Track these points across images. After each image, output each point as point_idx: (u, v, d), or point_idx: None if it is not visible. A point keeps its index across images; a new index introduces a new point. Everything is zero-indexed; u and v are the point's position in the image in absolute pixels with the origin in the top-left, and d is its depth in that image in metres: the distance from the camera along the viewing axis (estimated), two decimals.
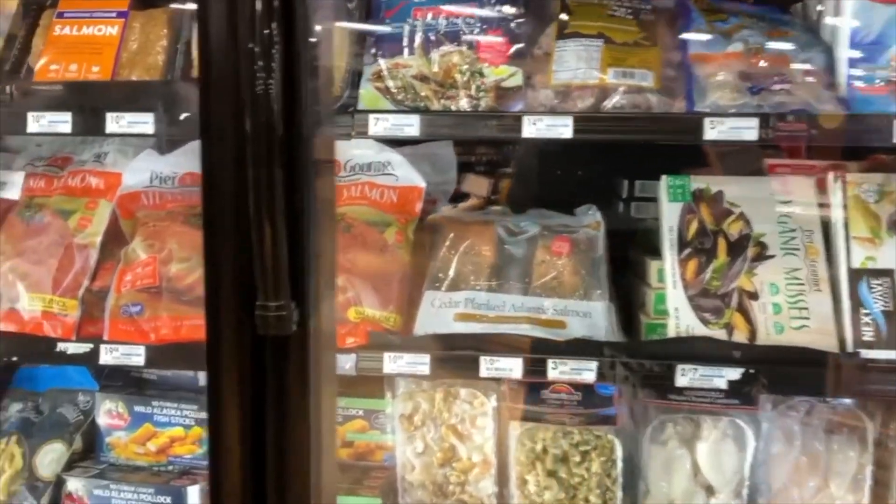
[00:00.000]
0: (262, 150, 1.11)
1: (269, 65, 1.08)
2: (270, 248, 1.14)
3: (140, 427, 1.99)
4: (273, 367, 1.22)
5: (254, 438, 1.25)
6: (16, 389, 2.19)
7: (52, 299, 1.83)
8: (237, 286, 1.23)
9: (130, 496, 1.91)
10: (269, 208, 1.12)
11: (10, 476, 1.94)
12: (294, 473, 1.25)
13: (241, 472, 1.27)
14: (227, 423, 1.26)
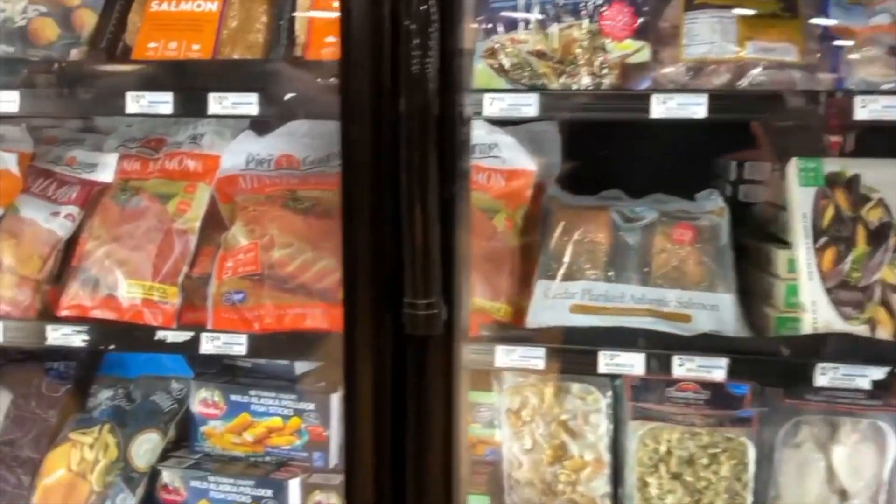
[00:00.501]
0: (417, 132, 1.02)
1: (426, 43, 0.99)
2: (422, 240, 1.05)
3: (237, 416, 1.94)
4: (415, 368, 1.14)
5: (393, 441, 1.18)
6: (105, 376, 2.16)
7: (151, 286, 1.77)
8: (375, 282, 1.15)
9: (229, 488, 1.85)
10: (423, 196, 1.03)
11: (105, 466, 1.90)
12: (434, 481, 1.17)
13: (375, 483, 1.20)
14: (364, 427, 1.19)
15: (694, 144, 1.98)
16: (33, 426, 2.06)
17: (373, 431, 1.20)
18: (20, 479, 1.97)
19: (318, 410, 1.89)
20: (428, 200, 1.03)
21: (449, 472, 1.17)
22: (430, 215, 1.04)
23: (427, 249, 1.06)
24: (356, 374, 1.18)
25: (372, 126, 1.11)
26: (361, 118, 1.11)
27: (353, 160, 1.13)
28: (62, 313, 1.83)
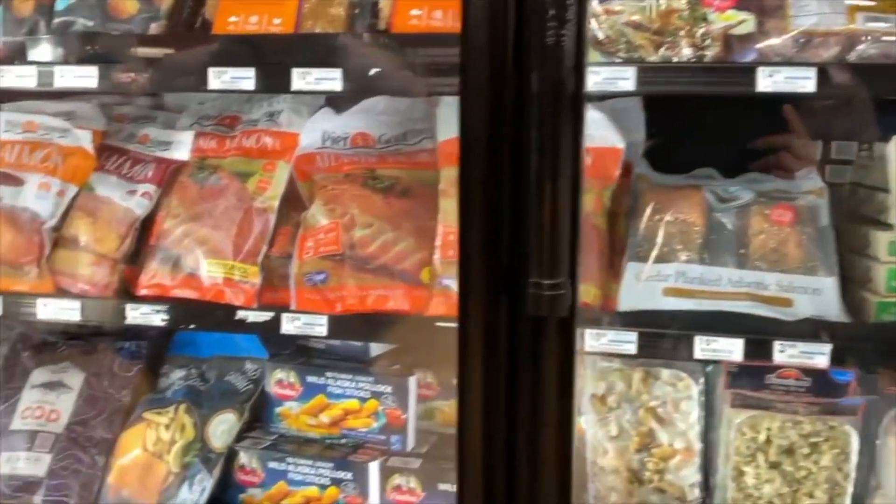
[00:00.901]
0: (551, 108, 0.97)
1: (563, 15, 0.94)
2: (550, 219, 1.01)
3: (313, 398, 1.91)
4: (532, 352, 1.10)
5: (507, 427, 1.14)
6: (176, 356, 2.14)
7: (233, 265, 1.74)
8: (491, 263, 1.11)
9: (308, 470, 1.83)
10: (554, 174, 0.99)
11: (182, 446, 1.88)
12: (550, 471, 1.13)
13: (486, 472, 1.16)
14: (475, 413, 1.15)
15: (776, 122, 1.91)
16: (106, 406, 2.05)
17: (484, 416, 1.16)
18: (94, 459, 1.96)
19: (395, 393, 1.85)
20: (560, 178, 0.99)
21: (566, 469, 1.14)
22: (562, 194, 1.00)
23: (556, 228, 1.01)
24: (469, 358, 1.15)
25: (491, 102, 1.07)
26: (480, 94, 1.07)
27: (471, 137, 1.09)
28: (141, 292, 1.81)
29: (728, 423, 1.63)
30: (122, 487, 1.90)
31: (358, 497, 1.79)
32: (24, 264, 1.86)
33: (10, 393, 2.09)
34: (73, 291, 1.86)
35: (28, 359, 2.15)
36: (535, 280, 1.02)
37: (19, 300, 1.86)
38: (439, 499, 1.77)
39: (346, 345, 1.97)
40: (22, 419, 2.02)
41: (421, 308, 1.70)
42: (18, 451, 1.97)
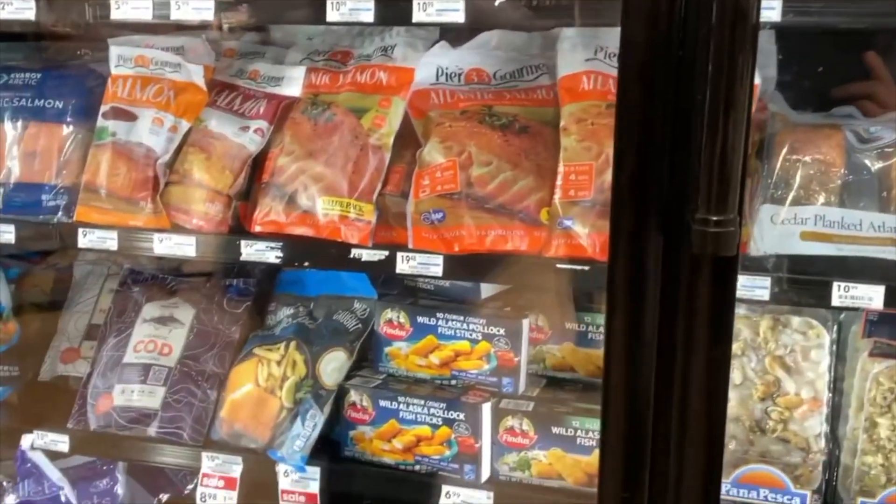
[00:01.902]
0: (731, 36, 0.90)
1: None
2: (722, 151, 0.95)
3: (423, 339, 1.90)
4: (690, 294, 1.05)
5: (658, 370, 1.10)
6: (284, 294, 2.15)
7: (349, 203, 1.72)
8: (646, 198, 1.05)
9: (419, 409, 1.83)
10: (730, 105, 0.92)
11: (294, 382, 1.90)
12: (701, 424, 1.09)
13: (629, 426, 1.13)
14: (622, 361, 1.11)
15: None
16: (216, 341, 2.08)
17: (631, 364, 1.12)
18: (206, 393, 2.00)
19: (508, 335, 1.82)
20: (737, 110, 0.92)
21: (718, 423, 1.09)
22: (736, 126, 0.93)
23: (727, 162, 0.95)
24: (618, 301, 1.10)
25: (651, 29, 1.00)
26: (640, 18, 1.00)
27: (630, 65, 1.02)
28: (255, 229, 1.81)
29: (863, 373, 1.57)
30: (234, 421, 1.93)
31: (470, 437, 1.78)
32: (139, 199, 1.87)
33: (122, 327, 2.14)
34: (187, 227, 1.87)
35: (138, 294, 2.19)
36: (702, 216, 0.97)
37: (135, 235, 1.88)
38: (552, 442, 1.75)
39: (456, 286, 1.95)
40: (135, 353, 2.06)
41: (540, 249, 1.66)
42: (132, 384, 2.01)
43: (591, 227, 1.61)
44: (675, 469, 1.11)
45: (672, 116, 1.02)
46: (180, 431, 1.96)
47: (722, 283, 1.03)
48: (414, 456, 1.84)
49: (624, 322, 1.10)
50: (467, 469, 1.79)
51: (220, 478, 1.92)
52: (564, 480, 1.76)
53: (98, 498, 2.10)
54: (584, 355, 1.90)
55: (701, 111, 0.96)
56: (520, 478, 1.79)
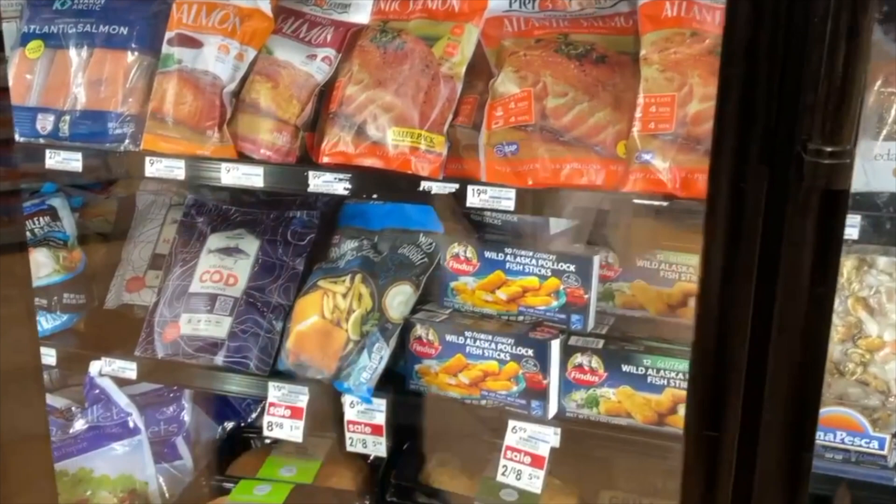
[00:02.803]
0: None
1: None
2: (842, 77, 0.89)
3: (490, 274, 1.87)
4: (796, 229, 1.00)
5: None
6: (347, 227, 2.14)
7: (420, 134, 1.68)
8: (751, 123, 1.00)
9: (487, 345, 1.81)
10: (854, 26, 0.86)
11: (360, 315, 1.89)
12: (802, 358, 1.05)
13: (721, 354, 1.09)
14: (717, 294, 1.07)
15: None
16: (281, 273, 2.08)
17: (724, 291, 1.08)
18: (272, 324, 2.00)
19: (578, 272, 1.79)
20: (860, 34, 0.86)
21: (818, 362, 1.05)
22: (861, 52, 0.87)
23: (846, 90, 0.89)
24: (716, 236, 1.05)
25: None
26: None
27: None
28: (323, 160, 1.79)
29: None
30: (301, 352, 1.93)
31: (538, 374, 1.76)
32: (206, 128, 1.86)
33: (187, 257, 2.15)
34: (254, 158, 1.85)
35: (203, 224, 2.19)
36: (816, 147, 0.91)
37: (202, 164, 1.87)
38: (622, 380, 1.73)
39: (524, 221, 1.91)
40: (201, 283, 2.07)
41: (616, 184, 1.61)
42: (199, 314, 2.03)
43: (671, 161, 1.55)
44: (769, 410, 1.08)
45: (783, 39, 0.96)
46: (247, 361, 1.97)
47: (831, 218, 0.98)
48: (480, 391, 1.83)
49: (722, 257, 1.05)
50: (534, 405, 1.78)
51: (286, 407, 1.94)
52: (633, 419, 1.74)
53: (165, 424, 2.15)
54: (656, 293, 1.86)
55: (819, 35, 0.90)
56: (587, 415, 1.77)
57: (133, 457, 2.01)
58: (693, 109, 1.55)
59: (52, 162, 1.95)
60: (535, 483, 1.77)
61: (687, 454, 1.18)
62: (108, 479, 2.00)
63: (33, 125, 1.97)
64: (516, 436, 1.79)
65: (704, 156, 1.55)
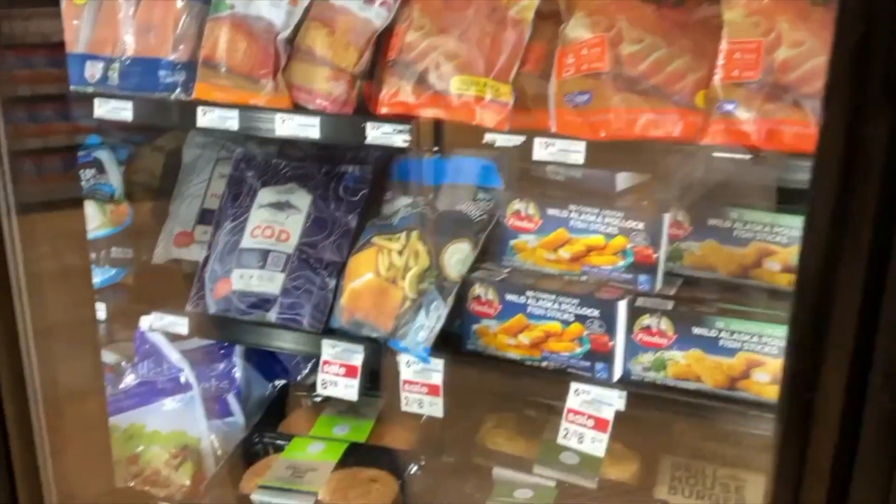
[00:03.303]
0: None
1: None
2: None
3: (553, 232, 1.80)
4: None
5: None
6: (401, 182, 2.07)
7: (485, 83, 1.60)
8: (870, 67, 0.91)
9: (550, 305, 1.74)
10: None
11: (417, 273, 1.83)
12: None
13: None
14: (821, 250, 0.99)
15: None
16: (333, 229, 2.02)
17: (828, 249, 1.00)
18: (325, 281, 1.95)
19: (647, 230, 1.71)
20: None
21: None
22: None
23: None
24: (825, 185, 0.97)
25: None
26: None
27: None
28: (381, 110, 1.71)
29: None
30: (355, 310, 1.88)
31: (604, 335, 1.70)
32: (259, 77, 1.79)
33: (238, 212, 2.09)
34: (310, 108, 1.78)
35: (252, 179, 2.13)
36: None
37: (256, 115, 1.81)
38: (693, 343, 1.66)
39: (590, 176, 1.83)
40: (252, 238, 2.02)
41: (695, 136, 1.52)
42: (251, 269, 1.98)
43: (756, 111, 1.46)
44: (881, 374, 1.01)
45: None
46: (300, 318, 1.92)
47: None
48: (541, 352, 1.77)
49: (831, 213, 0.97)
50: (599, 367, 1.72)
51: (340, 365, 1.89)
52: (702, 382, 1.67)
53: (217, 381, 2.11)
54: (727, 253, 1.77)
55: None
56: (654, 378, 1.71)
57: (185, 413, 1.99)
58: (781, 56, 1.45)
59: (102, 111, 1.90)
60: (598, 447, 1.71)
61: (783, 418, 1.11)
62: (160, 434, 1.97)
63: (81, 73, 1.92)
64: (579, 398, 1.73)
65: (793, 106, 1.46)
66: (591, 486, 1.80)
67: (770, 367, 1.62)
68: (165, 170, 2.41)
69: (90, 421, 1.43)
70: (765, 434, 1.66)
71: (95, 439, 1.45)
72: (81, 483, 1.36)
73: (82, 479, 1.37)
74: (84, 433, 1.38)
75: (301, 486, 1.81)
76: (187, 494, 1.91)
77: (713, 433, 1.97)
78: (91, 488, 1.40)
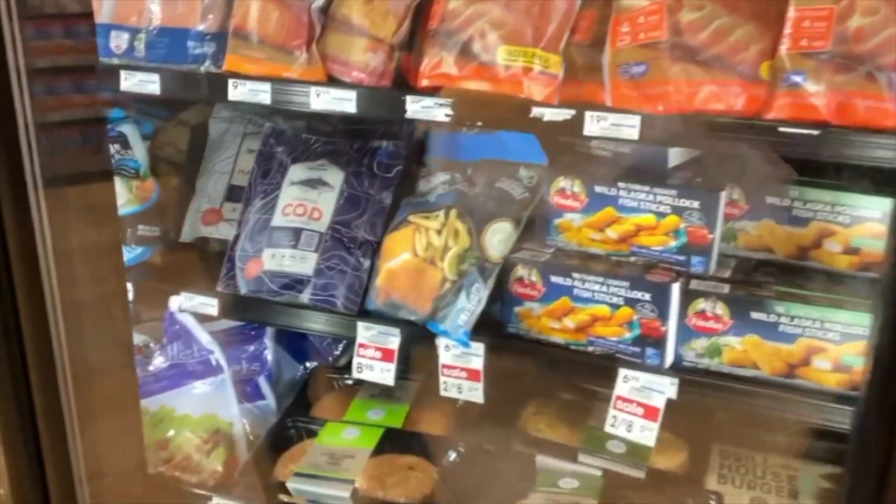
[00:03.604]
0: None
1: None
2: None
3: (600, 210, 1.71)
4: None
5: None
6: (438, 158, 1.99)
7: (534, 53, 1.51)
8: None
9: (597, 287, 1.66)
10: None
11: (457, 253, 1.75)
12: None
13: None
14: None
15: None
16: (367, 207, 1.94)
17: None
18: (360, 261, 1.88)
19: (702, 209, 1.62)
20: None
21: None
22: None
23: None
24: None
25: None
26: None
27: None
28: (422, 83, 1.63)
29: None
30: (392, 291, 1.81)
31: (655, 320, 1.62)
32: (293, 48, 1.71)
33: (268, 189, 2.02)
34: (345, 80, 1.70)
35: (282, 154, 2.06)
36: None
37: (290, 88, 1.72)
38: (750, 328, 1.58)
39: (640, 152, 1.74)
40: (284, 216, 1.95)
41: (759, 110, 1.43)
42: (283, 248, 1.91)
43: (826, 83, 1.37)
44: None
45: None
46: (334, 299, 1.86)
47: None
48: (587, 336, 1.69)
49: None
50: (650, 353, 1.64)
51: (376, 349, 1.82)
52: (758, 370, 1.59)
53: (247, 363, 2.05)
54: (786, 234, 1.69)
55: None
56: (707, 364, 1.63)
57: (216, 396, 1.93)
58: (855, 24, 1.36)
59: (128, 84, 1.82)
60: (648, 436, 1.64)
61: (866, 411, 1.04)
62: (191, 418, 1.92)
63: (106, 43, 1.84)
64: (628, 385, 1.66)
65: (866, 78, 1.36)
66: (639, 475, 1.73)
67: (831, 355, 1.54)
68: (191, 145, 2.33)
69: (121, 396, 1.38)
70: (820, 423, 1.59)
71: (126, 415, 1.40)
72: (111, 459, 1.31)
73: (112, 456, 1.32)
74: (114, 409, 1.34)
75: (338, 473, 1.75)
76: (220, 480, 1.85)
77: (763, 420, 1.89)
78: (121, 465, 1.36)
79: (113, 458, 1.31)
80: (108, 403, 1.29)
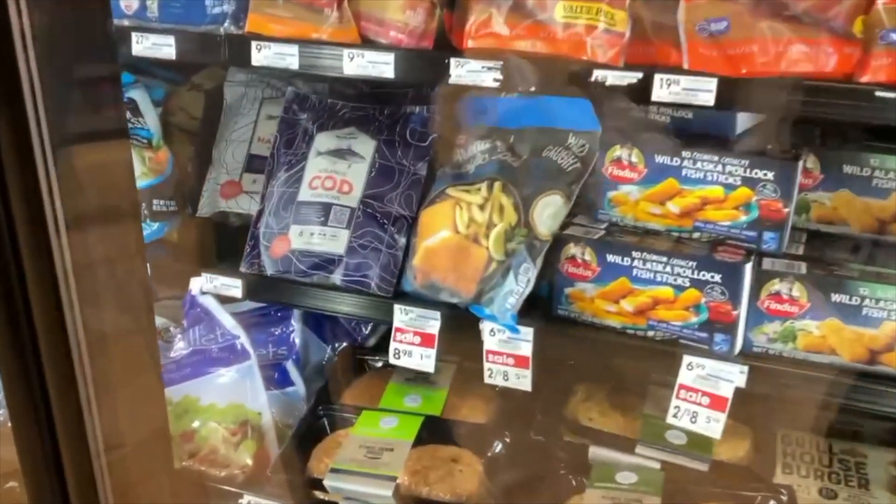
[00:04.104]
0: None
1: None
2: None
3: (660, 182, 1.56)
4: None
5: None
6: (476, 126, 1.83)
7: (598, 8, 1.35)
8: None
9: (660, 268, 1.53)
10: None
11: (503, 230, 1.61)
12: None
13: None
14: None
15: None
16: (401, 179, 1.80)
17: None
18: (394, 238, 1.74)
19: (777, 180, 1.47)
20: None
21: None
22: None
23: None
24: None
25: None
26: None
27: None
28: (468, 44, 1.47)
29: None
30: (431, 271, 1.67)
31: (726, 303, 1.48)
32: (322, 6, 1.55)
33: (293, 159, 1.87)
34: (381, 42, 1.54)
35: (307, 122, 1.90)
36: None
37: (320, 51, 1.57)
38: (830, 311, 1.44)
39: (703, 118, 1.59)
40: (311, 189, 1.80)
41: (852, 71, 1.28)
42: (311, 225, 1.76)
43: None
44: None
45: None
46: (367, 280, 1.72)
47: None
48: (647, 320, 1.56)
49: None
50: (718, 339, 1.51)
51: (415, 333, 1.69)
52: (837, 356, 1.47)
53: (274, 346, 1.93)
54: (863, 206, 1.54)
55: None
56: (780, 350, 1.50)
57: (243, 384, 1.80)
58: None
59: (140, 48, 1.66)
60: (715, 427, 1.52)
61: None
62: (217, 408, 1.79)
63: (116, 2, 1.68)
64: (692, 373, 1.53)
65: None
66: (702, 468, 1.61)
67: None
68: (205, 111, 2.17)
69: (139, 365, 1.26)
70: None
71: (145, 384, 1.28)
72: (131, 430, 1.20)
73: (132, 426, 1.21)
74: (132, 377, 1.22)
75: (378, 469, 1.63)
76: (249, 475, 1.73)
77: (827, 404, 1.77)
78: (142, 433, 1.24)
79: (134, 428, 1.20)
80: (126, 370, 1.18)
